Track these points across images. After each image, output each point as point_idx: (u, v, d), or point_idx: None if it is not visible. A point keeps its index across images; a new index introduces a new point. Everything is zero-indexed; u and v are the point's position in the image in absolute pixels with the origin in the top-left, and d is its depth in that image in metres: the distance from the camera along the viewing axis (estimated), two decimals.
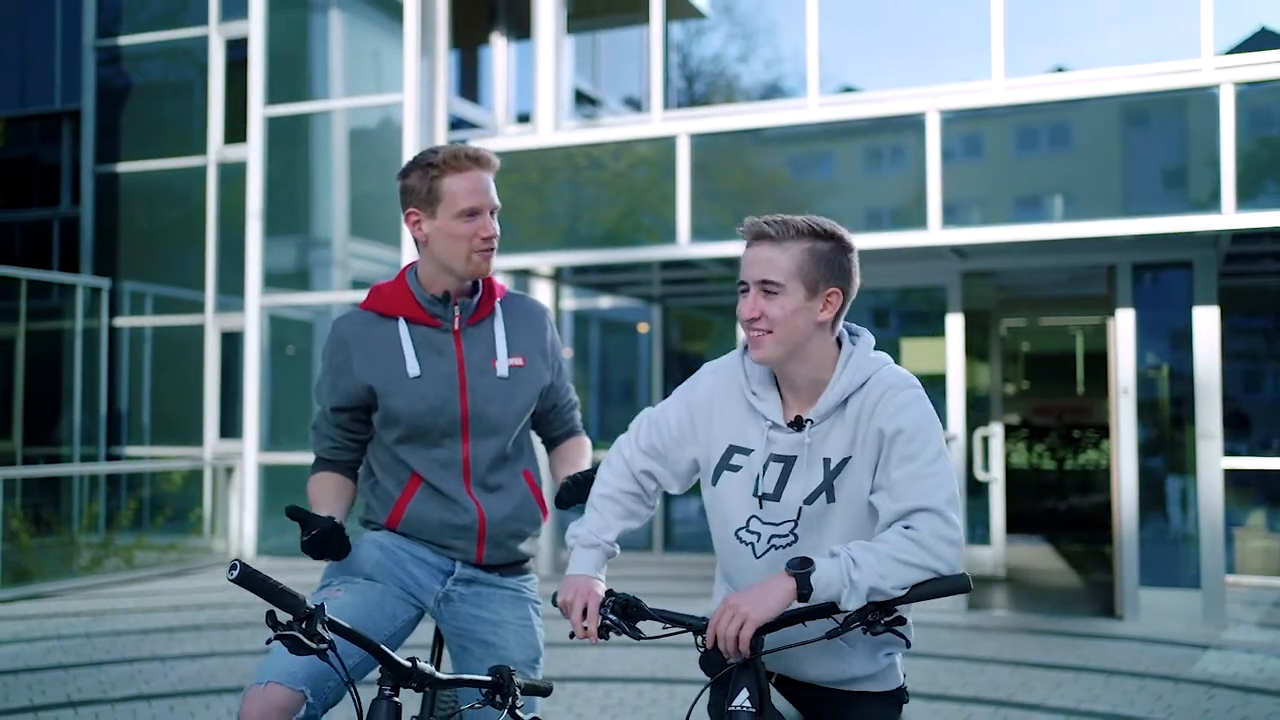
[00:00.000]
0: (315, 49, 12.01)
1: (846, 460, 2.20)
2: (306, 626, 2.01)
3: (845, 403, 2.22)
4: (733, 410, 2.31)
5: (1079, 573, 10.02)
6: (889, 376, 2.23)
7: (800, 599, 2.04)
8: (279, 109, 11.51)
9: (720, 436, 2.31)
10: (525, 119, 11.62)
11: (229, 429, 11.94)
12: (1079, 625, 7.70)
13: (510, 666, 2.23)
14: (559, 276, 10.45)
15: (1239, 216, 7.27)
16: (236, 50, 12.10)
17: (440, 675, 2.21)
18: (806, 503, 2.21)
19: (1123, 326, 7.92)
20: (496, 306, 2.83)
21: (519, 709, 2.24)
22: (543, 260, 9.35)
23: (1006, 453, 11.30)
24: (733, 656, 2.08)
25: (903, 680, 2.37)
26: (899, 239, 8.15)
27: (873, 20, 11.20)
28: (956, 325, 8.34)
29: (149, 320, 12.69)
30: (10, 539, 9.18)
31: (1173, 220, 7.43)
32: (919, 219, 8.04)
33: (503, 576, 2.80)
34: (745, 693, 2.10)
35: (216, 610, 8.20)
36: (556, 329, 2.96)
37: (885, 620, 2.07)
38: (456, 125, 11.65)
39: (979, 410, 9.99)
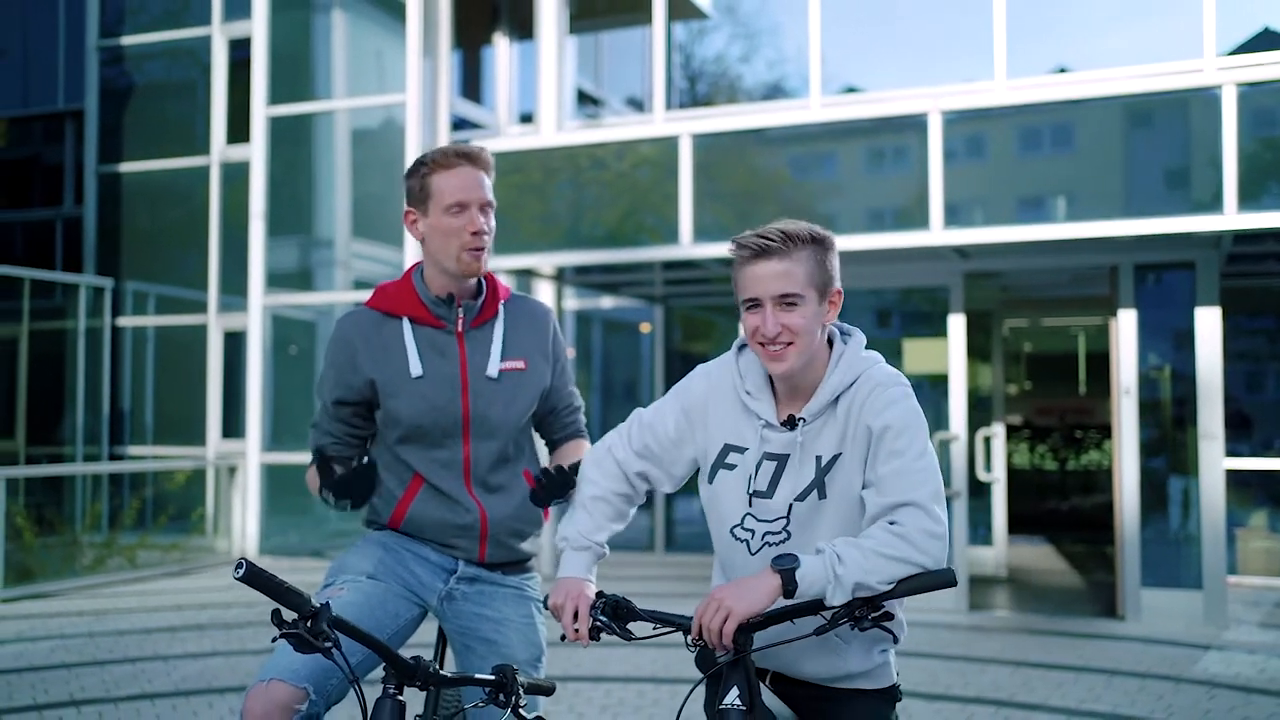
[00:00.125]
0: (318, 49, 12.02)
1: (837, 457, 2.24)
2: (311, 625, 2.02)
3: (836, 401, 2.26)
4: (727, 410, 2.34)
5: (1080, 573, 10.02)
6: (878, 374, 2.26)
7: (786, 595, 2.06)
8: (282, 109, 11.53)
9: (716, 436, 2.34)
10: (528, 119, 11.63)
11: (231, 429, 11.95)
12: (1080, 625, 7.70)
13: (513, 666, 2.24)
14: (561, 277, 10.45)
15: (1241, 217, 7.28)
16: (239, 50, 12.12)
17: (444, 674, 2.22)
18: (798, 500, 2.24)
19: (1125, 327, 7.92)
20: (500, 309, 2.83)
21: (522, 708, 2.25)
22: (545, 260, 9.35)
23: (1008, 453, 11.30)
24: (717, 649, 2.10)
25: (896, 678, 2.40)
26: (901, 239, 8.15)
27: (875, 20, 11.20)
28: (959, 326, 8.34)
29: (152, 320, 12.70)
30: (14, 538, 9.20)
31: (1175, 221, 7.43)
32: (921, 219, 8.05)
33: (505, 575, 2.82)
34: (735, 691, 2.11)
35: (219, 610, 8.21)
36: (561, 331, 2.97)
37: (872, 616, 2.09)
38: (459, 125, 11.66)
39: (981, 410, 9.99)
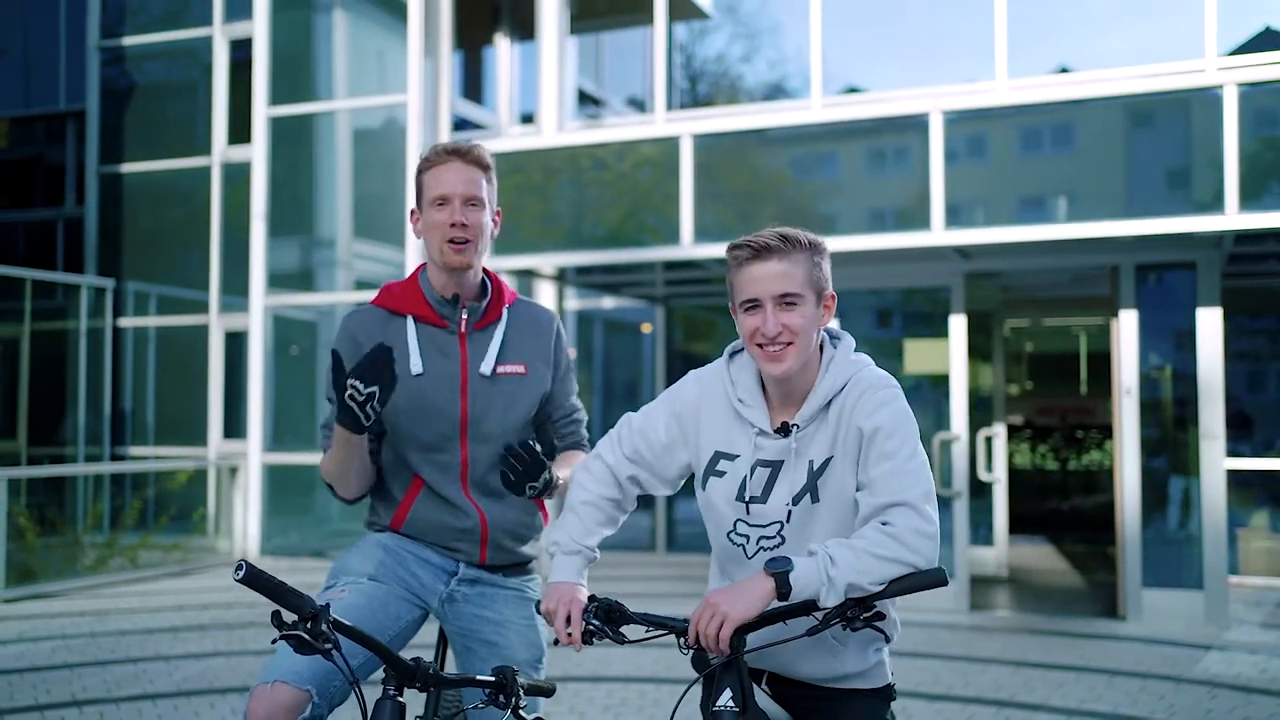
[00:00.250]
0: (319, 49, 12.03)
1: (829, 460, 2.25)
2: (311, 626, 2.02)
3: (828, 405, 2.28)
4: (719, 418, 2.36)
5: (1082, 573, 10.02)
6: (868, 377, 2.29)
7: (780, 598, 2.07)
8: (283, 109, 11.53)
9: (706, 443, 2.36)
10: (529, 119, 11.64)
11: (233, 429, 11.96)
12: (1081, 625, 7.70)
13: (513, 667, 2.24)
14: (562, 277, 10.45)
15: (1242, 217, 7.28)
16: (240, 51, 12.12)
17: (443, 675, 2.22)
18: (792, 504, 2.26)
19: (1126, 327, 7.92)
20: (504, 313, 2.83)
21: (522, 709, 2.25)
22: (546, 261, 9.36)
23: (1009, 453, 11.29)
24: (714, 654, 2.10)
25: (891, 678, 2.42)
26: (902, 240, 8.15)
27: (876, 21, 11.20)
28: (960, 326, 8.34)
29: (153, 320, 12.71)
30: (16, 539, 9.20)
31: (1176, 221, 7.43)
32: (922, 220, 8.05)
33: (506, 577, 2.82)
34: (729, 692, 2.12)
35: (220, 610, 8.22)
36: (565, 337, 2.95)
37: (865, 616, 2.10)
38: (460, 126, 11.66)
39: (982, 410, 9.98)
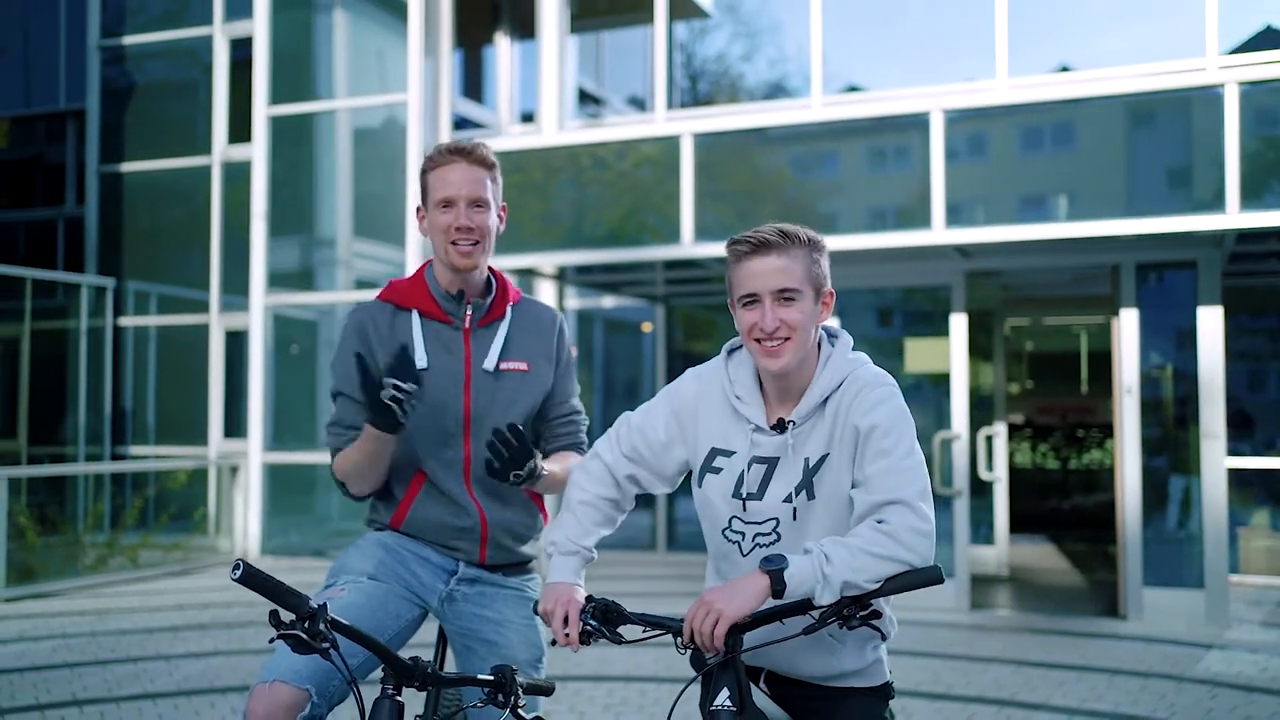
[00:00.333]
0: (319, 49, 12.02)
1: (824, 458, 2.26)
2: (309, 626, 2.02)
3: (825, 402, 2.28)
4: (716, 414, 2.36)
5: (1082, 572, 10.02)
6: (864, 375, 2.29)
7: (775, 595, 2.07)
8: (283, 109, 11.52)
9: (704, 440, 2.36)
10: (529, 118, 11.63)
11: (233, 428, 11.95)
12: (1082, 625, 7.70)
13: (512, 666, 2.24)
14: (563, 276, 10.45)
15: (1243, 216, 7.27)
16: (241, 50, 12.11)
17: (442, 674, 2.22)
18: (787, 501, 2.26)
19: (1127, 326, 7.91)
20: (508, 311, 2.83)
21: (521, 708, 2.25)
22: (546, 260, 9.35)
23: (1010, 452, 11.29)
24: (709, 653, 2.10)
25: (889, 676, 2.42)
26: (903, 239, 8.15)
27: (877, 20, 11.20)
28: (960, 325, 8.33)
29: (153, 320, 12.71)
30: (16, 538, 9.20)
31: (1177, 220, 7.42)
32: (923, 219, 8.04)
33: (506, 576, 2.82)
34: (726, 692, 2.12)
35: (221, 609, 8.22)
36: (568, 336, 2.94)
37: (861, 614, 2.09)
38: (460, 125, 11.66)
39: (983, 409, 9.98)
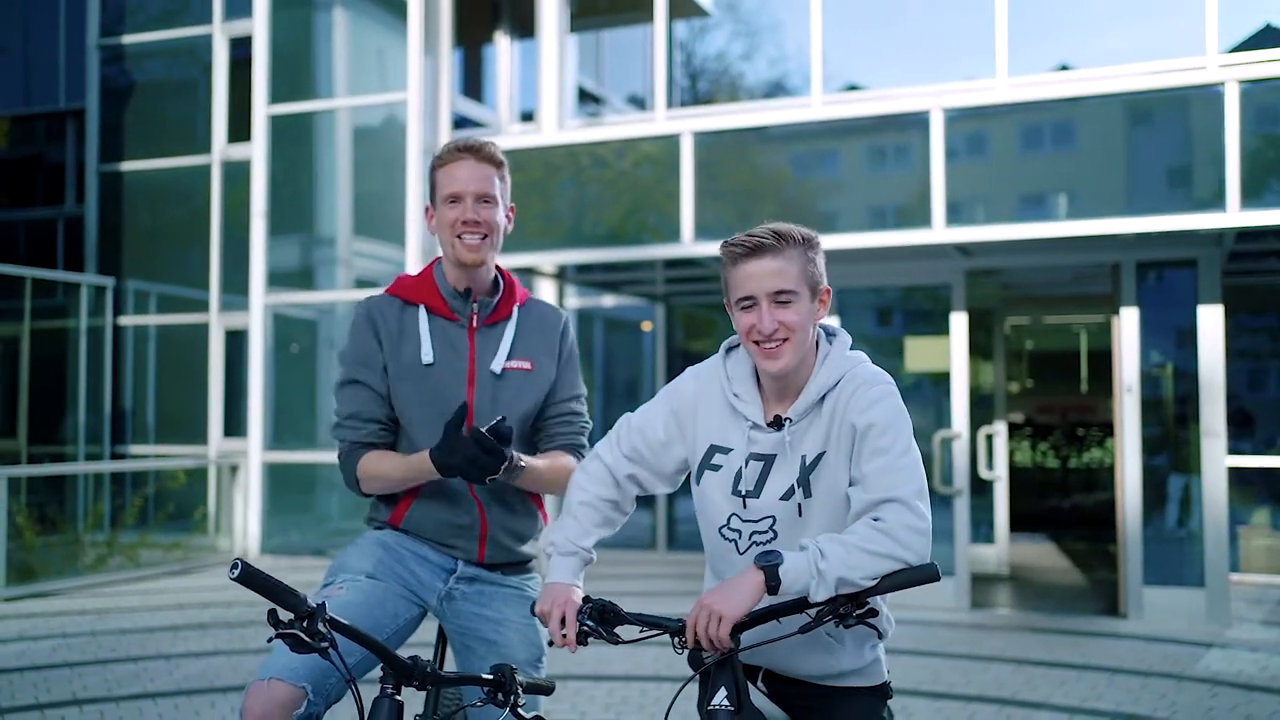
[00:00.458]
0: (319, 47, 12.02)
1: (821, 456, 2.25)
2: (308, 625, 2.02)
3: (822, 400, 2.28)
4: (715, 412, 2.36)
5: (1083, 571, 10.01)
6: (862, 373, 2.29)
7: (770, 591, 2.06)
8: (283, 108, 11.52)
9: (703, 437, 2.36)
10: (529, 117, 11.62)
11: (233, 427, 11.95)
12: (1083, 623, 7.69)
13: (512, 665, 2.24)
14: (563, 275, 10.45)
15: (1244, 215, 7.26)
16: (240, 49, 12.10)
17: (441, 673, 2.22)
18: (784, 499, 2.26)
19: (1127, 325, 7.91)
20: (515, 311, 2.83)
21: (521, 707, 2.24)
22: (547, 259, 9.35)
23: (1010, 451, 11.28)
24: (708, 654, 2.10)
25: (887, 675, 2.42)
26: (903, 237, 8.14)
27: (877, 18, 11.19)
28: (960, 323, 8.33)
29: (153, 319, 12.70)
30: (16, 537, 9.20)
31: (1177, 219, 7.42)
32: (923, 217, 8.04)
33: (505, 575, 2.81)
34: (723, 691, 2.11)
35: (221, 609, 8.21)
36: (573, 337, 2.93)
37: (857, 613, 2.09)
38: (460, 124, 11.65)
39: (983, 408, 9.98)
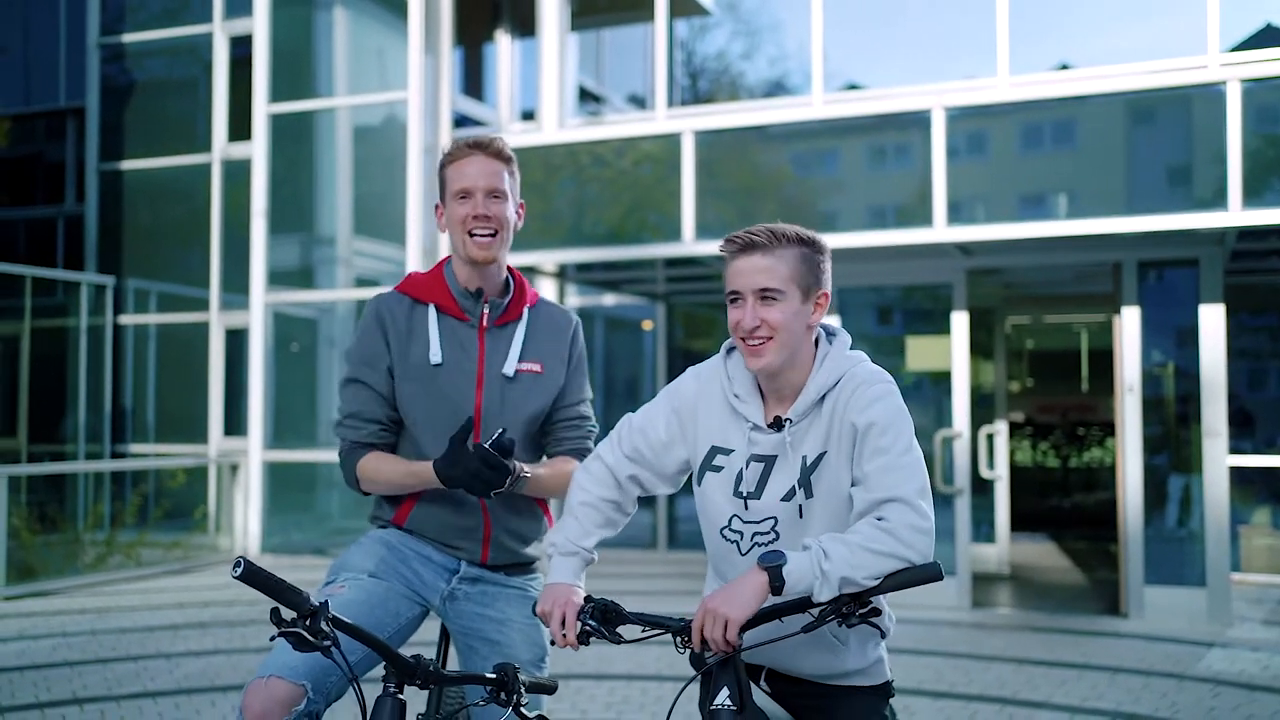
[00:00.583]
0: (319, 46, 12.01)
1: (822, 456, 2.25)
2: (310, 623, 2.01)
3: (822, 400, 2.27)
4: (716, 412, 2.36)
5: (1084, 570, 10.01)
6: (861, 373, 2.28)
7: (774, 592, 2.06)
8: (283, 106, 11.51)
9: (704, 438, 2.36)
10: (529, 116, 11.62)
11: (233, 426, 11.94)
12: (1084, 623, 7.69)
13: (515, 664, 2.23)
14: (563, 274, 10.44)
15: (1245, 214, 7.26)
16: (241, 47, 12.09)
17: (443, 672, 2.21)
18: (785, 500, 2.25)
19: (1128, 324, 7.90)
20: (525, 312, 2.82)
21: (524, 706, 2.24)
22: (547, 258, 9.34)
23: (1011, 450, 11.27)
24: (709, 654, 2.10)
25: (889, 674, 2.42)
26: (904, 236, 8.14)
27: (877, 18, 11.18)
28: (961, 323, 8.32)
29: (153, 318, 12.70)
30: (15, 536, 9.19)
31: (1178, 218, 7.41)
32: (924, 216, 8.03)
33: (509, 576, 2.81)
34: (726, 691, 2.11)
35: (221, 607, 8.21)
36: (583, 340, 2.91)
37: (860, 612, 2.08)
38: (461, 123, 11.65)
39: (984, 408, 9.97)
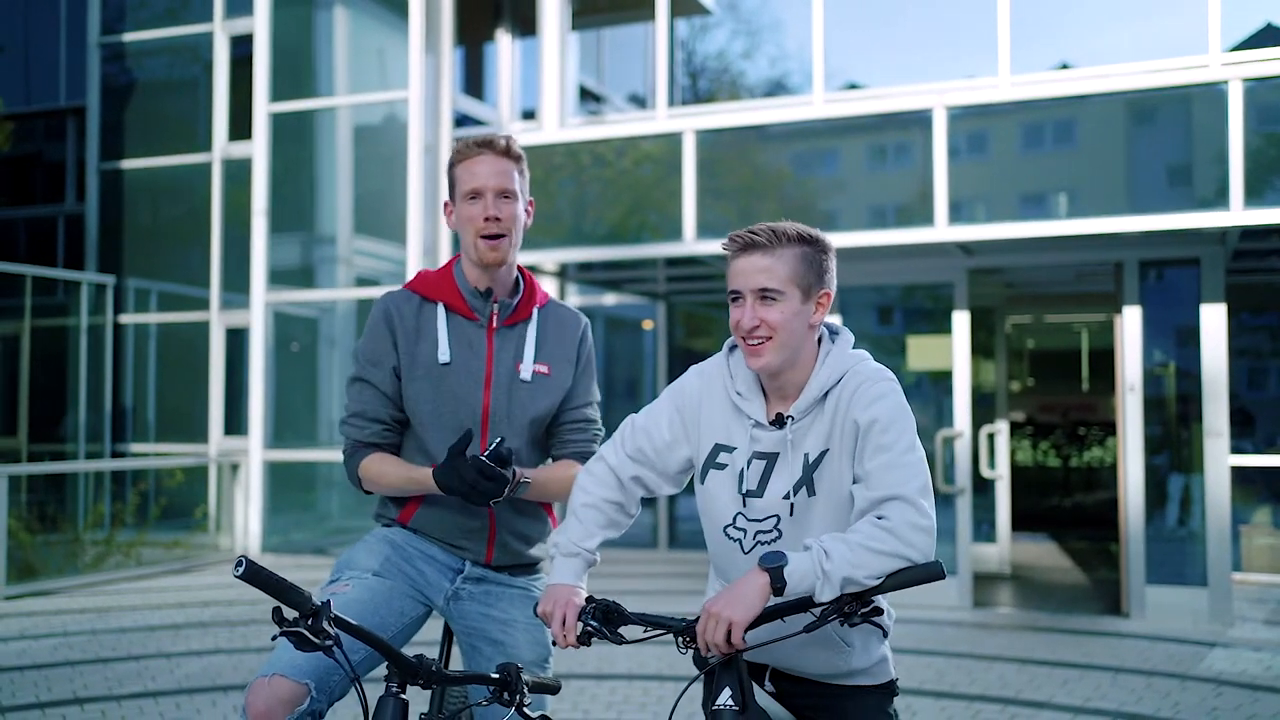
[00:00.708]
0: (320, 45, 12.00)
1: (824, 453, 2.24)
2: (312, 623, 2.01)
3: (824, 398, 2.27)
4: (718, 410, 2.35)
5: (1085, 570, 10.00)
6: (864, 370, 2.28)
7: (775, 592, 2.05)
8: (284, 106, 11.51)
9: (707, 436, 2.35)
10: (530, 116, 11.61)
11: (234, 426, 11.94)
12: (1085, 623, 7.69)
13: (518, 664, 2.23)
14: (564, 273, 10.44)
15: (1247, 213, 7.25)
16: (241, 47, 12.09)
17: (446, 672, 2.21)
18: (787, 498, 2.25)
19: (1129, 323, 7.90)
20: (534, 313, 2.81)
21: (526, 706, 2.23)
22: (548, 257, 9.34)
23: (1012, 450, 11.27)
24: (710, 655, 2.09)
25: (893, 673, 2.42)
26: (905, 236, 8.13)
27: (878, 17, 11.18)
28: (962, 322, 8.32)
29: (154, 317, 12.69)
30: (15, 536, 9.19)
31: (1180, 217, 7.41)
32: (925, 216, 8.03)
33: (513, 576, 2.80)
34: (728, 691, 2.11)
35: (222, 607, 8.21)
36: (591, 341, 2.91)
37: (862, 611, 2.08)
38: (461, 122, 11.64)
39: (985, 407, 9.97)
